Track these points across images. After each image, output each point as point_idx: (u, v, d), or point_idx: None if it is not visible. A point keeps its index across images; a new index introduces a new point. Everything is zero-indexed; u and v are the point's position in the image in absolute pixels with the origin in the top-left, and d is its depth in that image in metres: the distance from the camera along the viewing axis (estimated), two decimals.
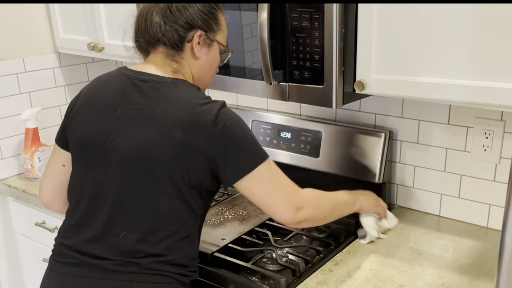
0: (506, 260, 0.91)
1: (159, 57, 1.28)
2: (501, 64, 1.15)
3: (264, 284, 1.37)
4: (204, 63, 1.31)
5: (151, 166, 1.20)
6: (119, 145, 1.22)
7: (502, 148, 1.54)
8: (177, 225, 1.24)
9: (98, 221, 1.24)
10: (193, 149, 1.19)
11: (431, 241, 1.55)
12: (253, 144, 1.24)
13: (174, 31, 1.24)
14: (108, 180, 1.24)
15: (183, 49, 1.26)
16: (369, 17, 1.30)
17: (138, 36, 1.29)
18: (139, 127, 1.21)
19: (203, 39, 1.27)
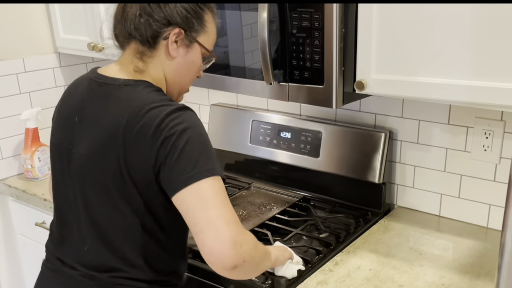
0: (506, 260, 0.91)
1: (128, 53, 1.19)
2: (501, 64, 1.15)
3: (264, 284, 1.37)
4: (181, 65, 1.19)
5: (101, 179, 1.13)
6: (74, 156, 1.18)
7: (502, 148, 1.54)
8: (138, 240, 1.15)
9: (68, 232, 1.24)
10: (137, 159, 1.08)
11: (431, 241, 1.55)
12: (202, 155, 1.06)
13: (148, 25, 1.13)
14: (70, 194, 1.21)
15: (156, 47, 1.16)
16: (369, 17, 1.30)
17: (114, 28, 1.20)
18: (90, 135, 1.15)
19: (181, 38, 1.16)
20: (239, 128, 2.01)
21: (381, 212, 1.74)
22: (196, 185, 1.04)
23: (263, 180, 1.98)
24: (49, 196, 1.41)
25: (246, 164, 2.04)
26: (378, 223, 1.69)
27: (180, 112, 1.09)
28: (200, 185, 1.04)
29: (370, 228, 1.66)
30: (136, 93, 1.13)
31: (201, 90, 2.18)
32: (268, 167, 1.96)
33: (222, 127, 2.07)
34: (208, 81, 1.62)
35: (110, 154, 1.10)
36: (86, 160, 1.15)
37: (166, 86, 1.21)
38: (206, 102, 2.19)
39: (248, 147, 1.98)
